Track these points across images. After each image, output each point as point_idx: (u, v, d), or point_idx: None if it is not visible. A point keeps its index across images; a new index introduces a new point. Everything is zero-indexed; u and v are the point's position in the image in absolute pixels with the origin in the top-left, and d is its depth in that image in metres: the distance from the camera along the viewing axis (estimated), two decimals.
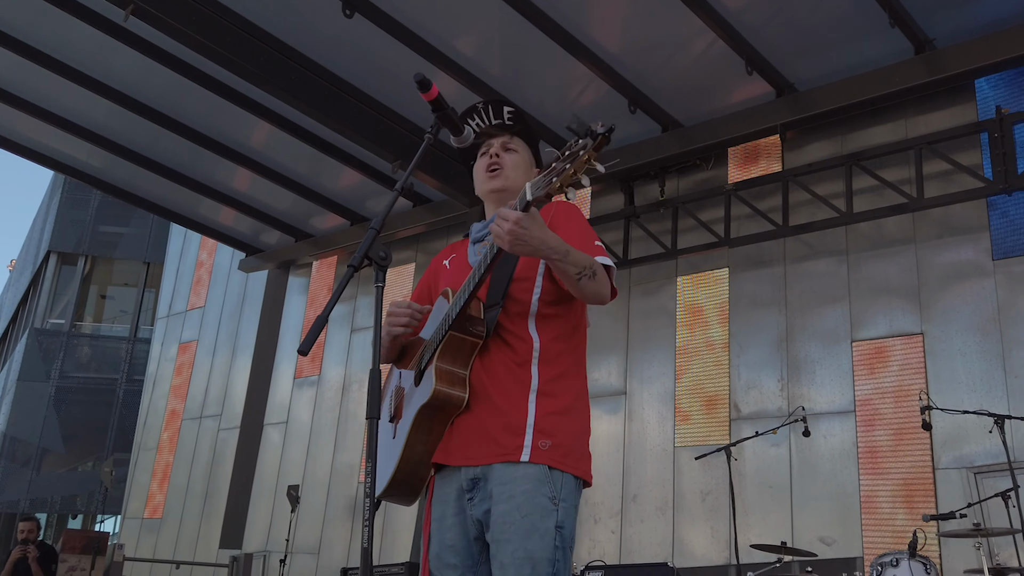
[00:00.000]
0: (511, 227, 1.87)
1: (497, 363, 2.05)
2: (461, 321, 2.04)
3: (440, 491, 2.10)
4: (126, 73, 7.49)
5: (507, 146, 2.27)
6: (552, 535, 1.93)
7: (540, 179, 1.86)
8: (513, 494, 1.94)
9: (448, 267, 2.32)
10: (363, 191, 9.03)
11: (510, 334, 2.07)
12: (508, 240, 1.88)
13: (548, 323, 2.10)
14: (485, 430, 2.01)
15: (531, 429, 1.98)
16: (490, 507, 1.97)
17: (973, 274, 6.30)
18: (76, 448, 20.94)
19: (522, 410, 2.00)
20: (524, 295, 2.10)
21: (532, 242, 1.89)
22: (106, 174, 9.35)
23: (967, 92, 6.59)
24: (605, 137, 1.76)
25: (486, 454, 1.99)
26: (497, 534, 1.94)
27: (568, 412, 2.06)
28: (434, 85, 1.97)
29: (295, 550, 8.87)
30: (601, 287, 2.01)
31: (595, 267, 1.99)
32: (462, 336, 2.04)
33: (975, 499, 5.10)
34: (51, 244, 22.06)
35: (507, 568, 1.90)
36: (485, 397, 2.03)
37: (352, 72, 7.03)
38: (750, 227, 7.23)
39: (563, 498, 1.97)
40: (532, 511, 1.92)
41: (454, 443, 2.05)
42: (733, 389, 7.07)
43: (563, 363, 2.10)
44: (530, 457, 1.96)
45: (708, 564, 6.65)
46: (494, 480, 1.98)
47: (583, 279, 1.97)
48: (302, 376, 10.32)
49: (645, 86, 6.88)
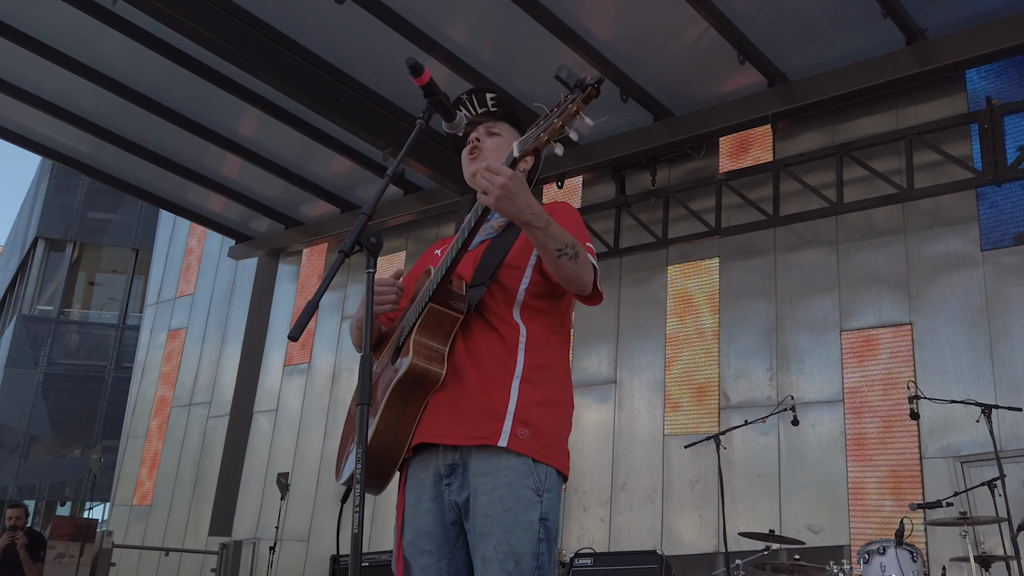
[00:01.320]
0: (504, 181, 1.83)
1: (482, 346, 2.00)
2: (442, 294, 1.99)
3: (415, 476, 2.04)
4: (114, 58, 7.42)
5: (491, 131, 2.25)
6: (536, 528, 1.89)
7: (528, 134, 1.83)
8: (496, 486, 1.89)
9: (439, 256, 2.27)
10: (353, 178, 9.00)
11: (497, 318, 2.03)
12: (496, 194, 1.84)
13: (533, 315, 2.06)
14: (462, 411, 1.95)
15: (511, 415, 1.93)
16: (470, 496, 1.93)
17: (962, 265, 6.33)
18: (64, 435, 20.87)
19: (504, 394, 1.95)
20: (512, 283, 2.06)
21: (518, 202, 1.85)
22: (94, 160, 9.28)
23: (958, 83, 6.61)
24: (594, 88, 1.74)
25: (462, 435, 1.94)
26: (480, 527, 1.89)
27: (551, 403, 2.01)
28: (426, 70, 1.96)
29: (285, 537, 8.87)
30: (583, 271, 1.95)
31: (578, 248, 1.94)
32: (442, 310, 1.98)
33: (962, 488, 5.14)
34: (39, 230, 21.92)
35: (490, 562, 1.86)
36: (465, 377, 1.98)
37: (343, 59, 6.99)
38: (741, 217, 7.24)
39: (547, 489, 1.93)
40: (515, 504, 1.88)
41: (428, 421, 1.99)
42: (723, 378, 7.09)
43: (549, 353, 2.06)
44: (508, 443, 1.91)
45: (697, 552, 6.69)
46: (474, 469, 1.93)
47: (563, 257, 1.91)
48: (292, 364, 10.30)
49: (637, 75, 6.87)
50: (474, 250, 2.13)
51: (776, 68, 6.73)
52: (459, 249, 1.98)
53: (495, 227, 2.17)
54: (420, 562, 1.98)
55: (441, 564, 1.97)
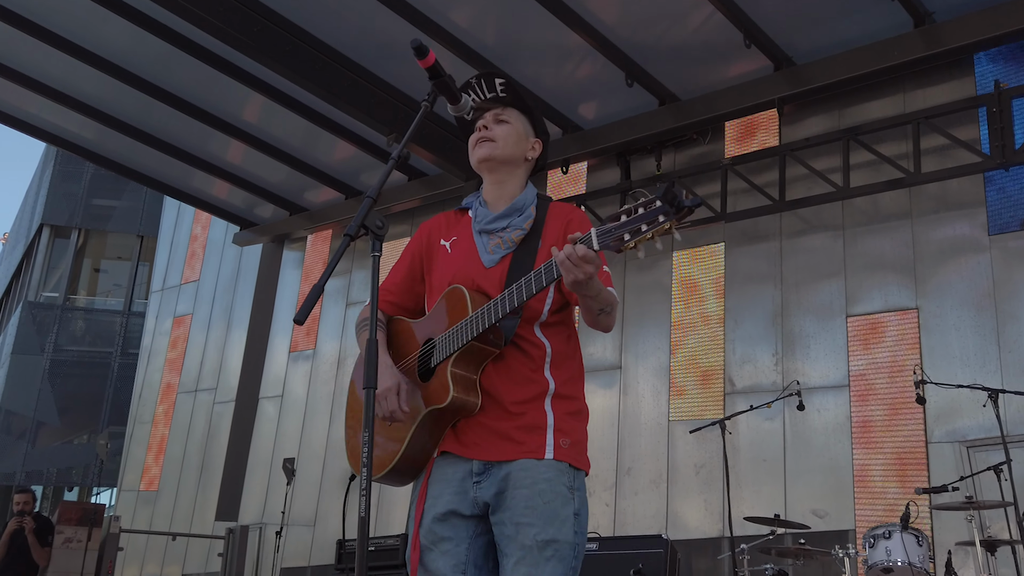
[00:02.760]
0: (592, 270, 1.86)
1: (512, 369, 2.09)
2: (484, 333, 2.04)
3: (440, 471, 2.10)
4: (117, 43, 7.40)
5: (499, 117, 2.24)
6: (572, 521, 2.01)
7: (610, 229, 1.81)
8: (535, 481, 2.00)
9: (449, 252, 2.25)
10: (357, 164, 8.98)
11: (523, 340, 2.11)
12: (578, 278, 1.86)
13: (552, 330, 2.15)
14: (502, 431, 2.05)
15: (551, 429, 2.06)
16: (502, 490, 2.01)
17: (969, 249, 6.30)
18: (71, 421, 20.97)
19: (540, 412, 2.07)
20: (538, 304, 2.12)
21: (591, 286, 1.92)
22: (98, 146, 9.27)
23: (966, 66, 6.56)
24: (690, 210, 1.72)
25: (505, 451, 2.04)
26: (519, 517, 1.98)
27: (579, 413, 2.15)
28: (431, 52, 1.94)
29: (291, 522, 8.90)
30: (612, 320, 2.08)
31: (614, 304, 2.05)
32: (481, 346, 2.06)
33: (967, 473, 5.13)
34: (44, 217, 21.94)
35: (530, 550, 1.95)
36: (497, 399, 2.07)
37: (346, 43, 6.96)
38: (746, 202, 7.21)
39: (577, 487, 2.06)
40: (553, 498, 2.00)
41: (469, 439, 2.07)
42: (728, 363, 7.08)
43: (572, 367, 2.17)
44: (554, 455, 2.04)
45: (701, 536, 6.71)
46: (512, 467, 2.03)
47: (603, 315, 2.03)
48: (297, 350, 10.32)
49: (642, 59, 6.83)
50: (496, 267, 2.14)
51: (782, 52, 6.68)
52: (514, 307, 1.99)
53: (514, 240, 2.17)
54: (440, 547, 2.04)
55: (460, 548, 2.04)
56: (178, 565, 10.49)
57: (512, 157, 2.23)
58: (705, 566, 6.60)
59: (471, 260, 2.18)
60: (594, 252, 1.84)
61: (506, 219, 2.19)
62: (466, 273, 2.15)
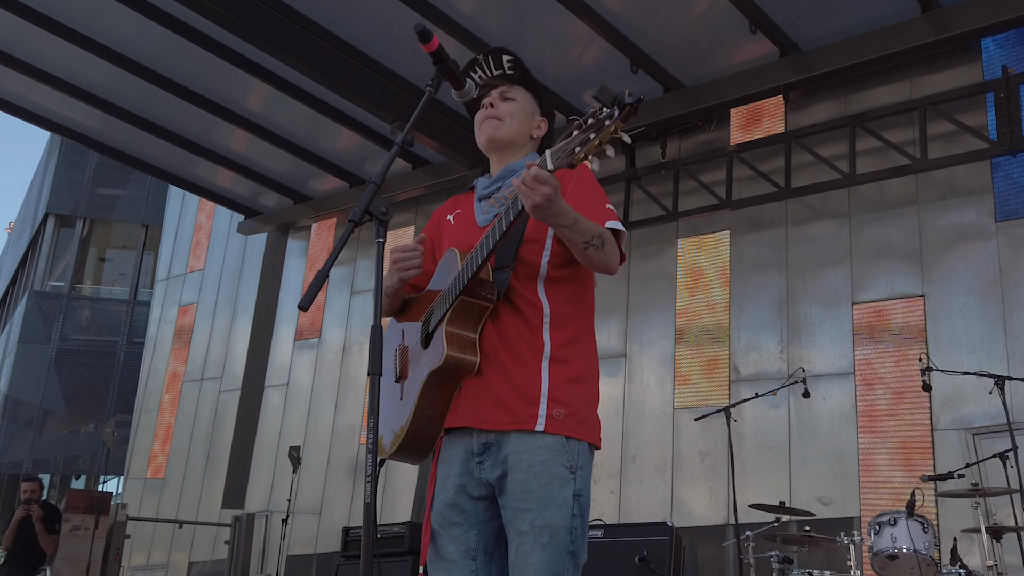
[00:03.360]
0: (549, 191, 1.83)
1: (509, 328, 2.03)
2: (472, 285, 2.00)
3: (446, 452, 2.08)
4: (120, 31, 7.38)
5: (505, 95, 2.23)
6: (570, 504, 1.95)
7: (561, 147, 1.81)
8: (531, 463, 1.94)
9: (452, 223, 2.27)
10: (361, 152, 8.96)
11: (520, 298, 2.04)
12: (536, 202, 1.83)
13: (557, 286, 2.07)
14: (497, 396, 1.99)
15: (545, 398, 1.98)
16: (504, 473, 1.97)
17: (975, 236, 6.27)
18: (78, 410, 21.06)
19: (536, 377, 1.99)
20: (534, 257, 2.06)
21: (554, 208, 1.86)
22: (103, 135, 9.27)
23: (973, 52, 6.51)
24: (633, 107, 1.72)
25: (498, 420, 1.98)
26: (516, 502, 1.94)
27: (581, 379, 2.05)
28: (435, 36, 1.93)
29: (297, 510, 8.94)
30: (609, 257, 1.99)
31: (603, 236, 1.97)
32: (472, 300, 2.00)
33: (973, 460, 5.12)
34: (49, 206, 21.97)
35: (526, 536, 1.92)
36: (497, 362, 2.01)
37: (350, 31, 6.93)
38: (752, 189, 7.18)
39: (580, 466, 1.98)
40: (550, 481, 1.93)
41: (464, 405, 2.03)
42: (733, 351, 7.08)
43: (574, 328, 2.08)
44: (545, 427, 1.96)
45: (707, 524, 6.72)
46: (509, 447, 1.98)
47: (590, 248, 1.95)
48: (302, 339, 10.33)
49: (647, 45, 6.79)
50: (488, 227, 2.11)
51: (788, 38, 6.64)
52: (490, 249, 1.98)
53: (507, 197, 2.13)
54: (450, 533, 2.02)
55: (471, 534, 2.02)
56: (185, 552, 10.55)
57: (518, 136, 2.22)
58: (710, 553, 6.61)
59: (468, 224, 2.19)
60: (548, 172, 1.81)
61: (501, 180, 2.18)
62: (463, 236, 2.14)
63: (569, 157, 1.79)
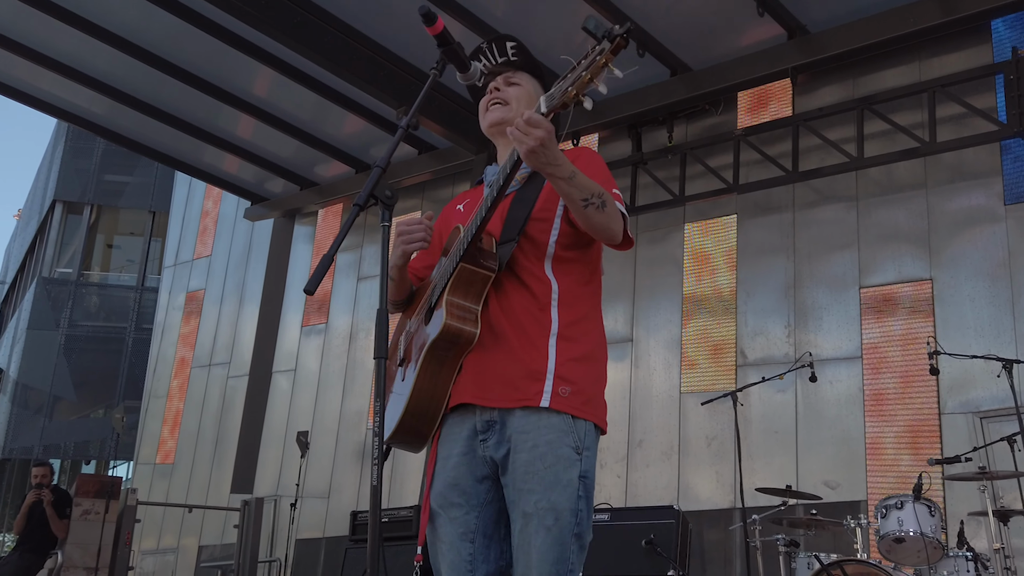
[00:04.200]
0: (543, 134, 1.80)
1: (515, 304, 1.99)
2: (473, 253, 1.96)
3: (449, 431, 2.04)
4: (126, 17, 7.37)
5: (510, 80, 2.21)
6: (576, 485, 1.91)
7: (555, 88, 1.79)
8: (536, 443, 1.90)
9: (462, 211, 2.25)
10: (367, 138, 8.95)
11: (528, 274, 2.01)
12: (531, 146, 1.81)
13: (565, 267, 2.04)
14: (502, 372, 1.95)
15: (551, 375, 1.94)
16: (508, 452, 1.93)
17: (984, 219, 6.24)
18: (87, 395, 21.18)
19: (542, 354, 1.95)
20: (541, 235, 2.04)
21: (547, 156, 1.83)
22: (109, 122, 9.27)
23: (983, 33, 6.45)
24: (623, 39, 1.69)
25: (503, 397, 1.95)
26: (520, 483, 1.91)
27: (588, 358, 2.01)
28: (439, 18, 1.92)
29: (305, 494, 9.00)
30: (611, 221, 1.94)
31: (604, 196, 1.92)
32: (473, 268, 1.96)
33: (981, 444, 5.12)
34: (56, 193, 22.02)
35: (530, 518, 1.88)
36: (502, 337, 1.97)
37: (355, 16, 6.91)
38: (759, 173, 7.15)
39: (586, 447, 1.94)
40: (556, 462, 1.90)
41: (467, 382, 1.99)
42: (740, 336, 7.07)
43: (583, 307, 2.05)
44: (550, 403, 1.92)
45: (713, 507, 6.73)
46: (513, 426, 1.94)
47: (590, 207, 1.90)
48: (309, 324, 10.36)
49: (653, 29, 6.75)
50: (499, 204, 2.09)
51: (796, 20, 6.59)
52: (489, 207, 1.96)
53: (518, 179, 2.10)
54: (449, 513, 1.98)
55: (470, 516, 1.98)
56: (195, 536, 10.63)
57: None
58: (717, 537, 6.63)
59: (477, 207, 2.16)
60: (541, 115, 1.80)
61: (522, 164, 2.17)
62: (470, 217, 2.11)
63: (562, 96, 1.77)
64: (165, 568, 10.95)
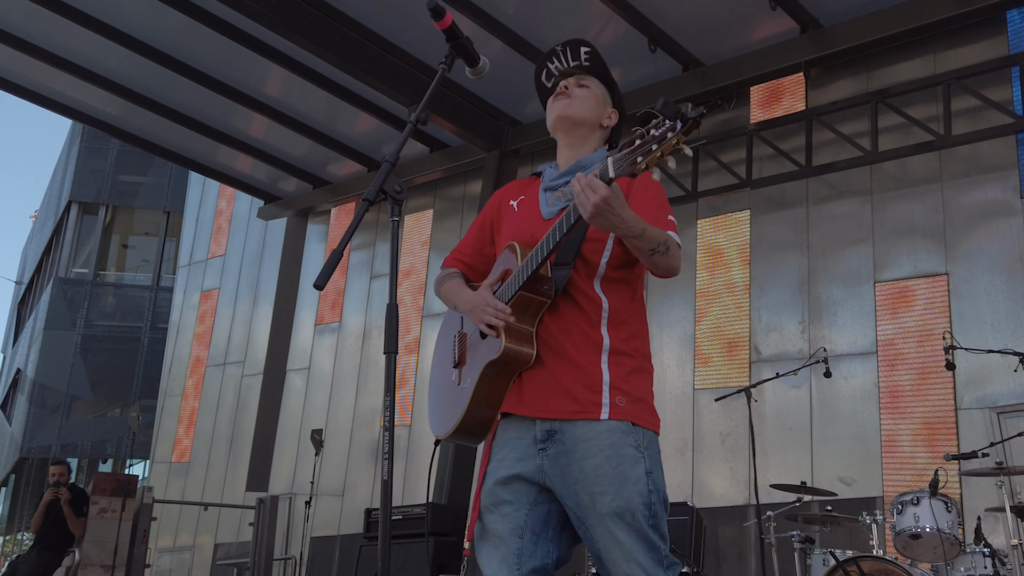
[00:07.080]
0: (598, 201, 1.86)
1: (569, 321, 2.08)
2: (531, 282, 2.04)
3: (505, 433, 2.11)
4: (138, 18, 7.41)
5: (580, 82, 2.27)
6: (644, 481, 1.98)
7: (624, 155, 1.85)
8: (600, 448, 1.98)
9: (516, 209, 2.30)
10: (379, 136, 8.96)
11: (580, 293, 2.09)
12: (591, 212, 1.88)
13: (614, 286, 2.12)
14: (561, 385, 2.04)
15: (607, 387, 2.03)
16: (570, 462, 2.00)
17: (1000, 213, 6.18)
18: (104, 395, 21.34)
19: (597, 369, 2.04)
20: (594, 256, 2.11)
21: (613, 219, 1.90)
22: (123, 123, 9.33)
23: (998, 24, 6.39)
24: (695, 121, 1.74)
25: (562, 409, 2.02)
26: (592, 487, 1.97)
27: (640, 371, 2.11)
28: (448, 13, 1.92)
29: (320, 492, 9.03)
30: (673, 261, 2.04)
31: (668, 243, 2.02)
32: (531, 296, 2.05)
33: (998, 439, 5.07)
34: (72, 194, 22.19)
35: (609, 518, 1.95)
36: (560, 352, 2.06)
37: (367, 14, 6.92)
38: (772, 168, 7.12)
39: (647, 446, 2.03)
40: (621, 462, 1.97)
41: (528, 394, 2.07)
42: (754, 331, 7.04)
43: (632, 324, 2.13)
44: (610, 414, 2.01)
45: (728, 504, 6.71)
46: (575, 436, 2.01)
47: (656, 255, 2.00)
48: (323, 323, 10.39)
49: (665, 24, 6.73)
50: (552, 219, 2.14)
51: (808, 13, 6.55)
52: (550, 249, 2.02)
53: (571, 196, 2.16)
54: (500, 510, 2.05)
55: (519, 512, 2.04)
56: (210, 534, 10.69)
57: (589, 118, 2.24)
58: (731, 533, 6.61)
59: (532, 215, 2.22)
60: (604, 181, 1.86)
61: (570, 174, 2.20)
62: (526, 227, 2.18)
63: (631, 167, 1.83)
64: (181, 566, 11.02)
